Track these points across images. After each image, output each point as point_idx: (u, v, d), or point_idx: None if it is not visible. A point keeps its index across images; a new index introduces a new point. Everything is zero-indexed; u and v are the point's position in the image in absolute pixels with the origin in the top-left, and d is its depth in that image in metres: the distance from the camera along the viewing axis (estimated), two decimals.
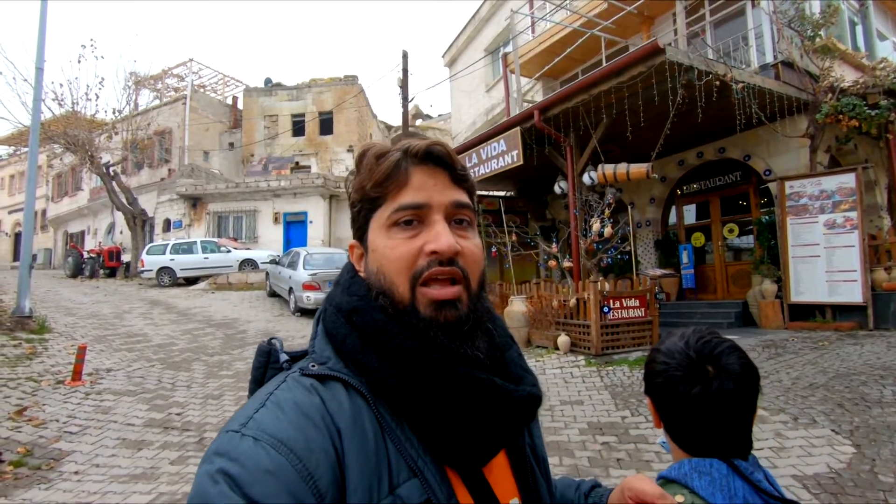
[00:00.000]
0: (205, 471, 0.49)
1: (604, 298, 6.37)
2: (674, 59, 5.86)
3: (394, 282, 0.60)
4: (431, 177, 0.62)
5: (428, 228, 0.60)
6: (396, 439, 0.55)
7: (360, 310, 0.61)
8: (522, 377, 0.65)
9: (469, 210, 0.64)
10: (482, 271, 0.64)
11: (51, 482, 3.55)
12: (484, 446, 0.58)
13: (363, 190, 0.63)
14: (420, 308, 0.59)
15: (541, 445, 0.72)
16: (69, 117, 19.09)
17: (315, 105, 23.80)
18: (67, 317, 9.67)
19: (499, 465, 0.63)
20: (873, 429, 3.67)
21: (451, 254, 0.59)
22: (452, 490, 0.56)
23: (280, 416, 0.52)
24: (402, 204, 0.60)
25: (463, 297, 0.60)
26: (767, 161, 8.63)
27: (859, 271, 7.16)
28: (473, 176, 4.61)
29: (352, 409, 0.55)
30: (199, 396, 5.45)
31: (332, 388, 0.56)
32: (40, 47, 7.81)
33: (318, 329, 0.65)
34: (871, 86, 7.38)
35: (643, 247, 10.92)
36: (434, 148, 0.62)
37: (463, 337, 0.59)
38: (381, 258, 0.61)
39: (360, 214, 0.65)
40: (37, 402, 5.02)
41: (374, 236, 0.63)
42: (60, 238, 29.29)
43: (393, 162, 0.62)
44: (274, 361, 0.64)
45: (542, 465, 0.70)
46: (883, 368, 4.99)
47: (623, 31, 10.67)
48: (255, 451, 0.48)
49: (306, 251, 11.96)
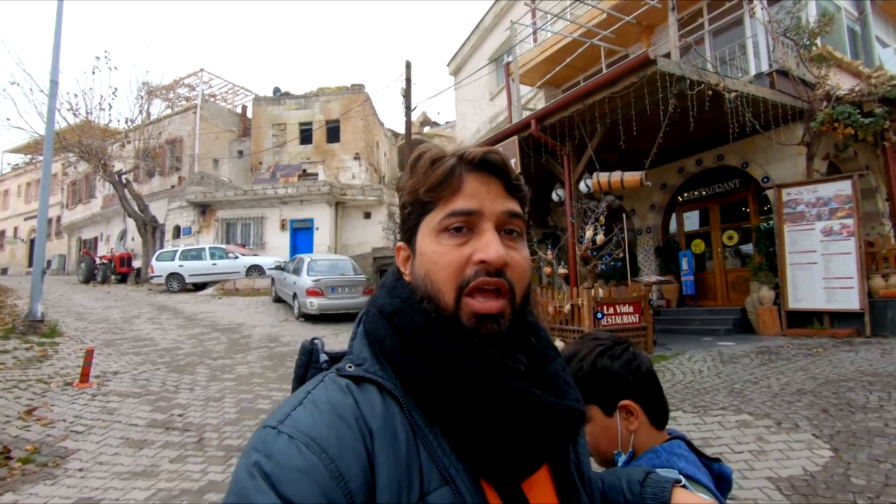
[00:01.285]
0: (243, 464, 0.50)
1: (598, 304, 6.46)
2: (665, 70, 5.97)
3: (440, 288, 0.59)
4: (485, 184, 0.62)
5: (478, 237, 0.60)
6: (429, 445, 0.54)
7: (402, 312, 0.61)
8: (566, 392, 0.64)
9: (520, 220, 0.64)
10: (528, 284, 0.63)
11: (56, 478, 3.71)
12: (520, 460, 0.57)
13: (416, 193, 0.63)
14: (463, 318, 0.58)
15: (587, 464, 0.70)
16: (83, 126, 19.59)
17: (322, 113, 24.17)
18: (78, 321, 9.94)
19: (540, 481, 0.61)
20: (853, 433, 3.72)
21: (500, 264, 0.58)
22: (487, 502, 0.55)
23: (315, 416, 0.52)
24: (454, 210, 0.60)
25: (506, 312, 0.59)
26: (765, 168, 8.69)
27: (856, 278, 7.18)
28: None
29: (384, 411, 0.54)
30: (200, 399, 5.62)
31: (366, 389, 0.56)
32: (55, 61, 8.13)
33: (358, 330, 0.65)
34: (867, 94, 7.43)
35: (644, 253, 10.98)
36: (490, 156, 0.62)
37: (504, 350, 0.59)
38: (430, 263, 0.61)
39: (411, 217, 0.65)
40: (45, 403, 5.22)
41: (423, 240, 0.62)
42: (74, 244, 29.91)
43: (448, 168, 0.61)
44: (315, 361, 0.64)
45: (588, 485, 0.69)
46: (873, 375, 5.02)
47: (623, 41, 10.81)
48: (289, 450, 0.49)
49: (310, 258, 12.16)
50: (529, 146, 8.19)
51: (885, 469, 3.15)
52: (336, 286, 11.00)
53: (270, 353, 7.96)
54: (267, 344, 8.71)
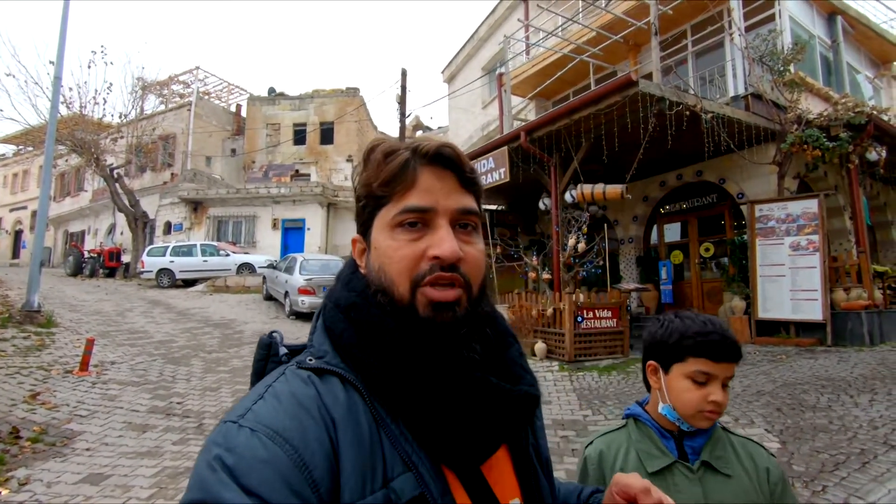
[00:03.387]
0: (203, 459, 0.49)
1: (578, 309, 6.84)
2: (646, 91, 6.39)
3: (394, 281, 0.60)
4: (439, 179, 0.62)
5: (432, 232, 0.60)
6: (391, 434, 0.55)
7: (358, 306, 0.62)
8: (521, 377, 0.65)
9: (475, 216, 0.64)
10: (484, 276, 0.64)
11: (66, 457, 3.96)
12: (478, 444, 0.58)
13: (370, 187, 0.63)
14: (419, 308, 0.59)
15: (545, 447, 0.72)
16: (77, 119, 19.61)
17: (317, 115, 24.41)
18: (72, 313, 10.07)
19: (500, 464, 0.63)
20: (801, 429, 4.13)
21: (454, 260, 0.59)
22: (448, 487, 0.56)
23: (277, 407, 0.53)
24: (408, 206, 0.60)
25: (462, 300, 0.60)
26: (741, 185, 9.17)
27: (820, 291, 7.65)
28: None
29: (347, 402, 0.55)
30: (197, 389, 5.87)
31: (328, 381, 0.57)
32: (59, 59, 8.34)
33: (317, 323, 0.65)
34: (834, 118, 7.93)
35: (626, 262, 11.41)
36: (444, 150, 0.62)
37: (459, 339, 0.60)
38: (384, 257, 0.61)
39: (365, 210, 0.65)
40: (48, 389, 5.43)
41: (378, 234, 0.63)
42: (61, 237, 29.66)
43: (401, 161, 0.61)
44: (274, 354, 0.65)
45: (546, 466, 0.70)
46: (827, 379, 5.45)
47: (612, 58, 11.28)
48: (251, 442, 0.49)
49: (303, 257, 12.41)
50: (519, 156, 8.57)
51: (822, 458, 3.54)
52: (327, 285, 11.24)
53: None
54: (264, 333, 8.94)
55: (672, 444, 1.07)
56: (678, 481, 1.02)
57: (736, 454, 1.06)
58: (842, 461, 3.47)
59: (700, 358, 1.03)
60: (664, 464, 1.04)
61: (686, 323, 1.08)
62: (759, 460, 1.07)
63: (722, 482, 1.02)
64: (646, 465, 1.04)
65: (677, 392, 1.06)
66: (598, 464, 1.12)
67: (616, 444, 1.13)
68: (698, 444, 1.06)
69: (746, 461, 1.06)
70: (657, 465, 1.04)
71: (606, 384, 5.95)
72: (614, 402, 5.18)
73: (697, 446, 1.06)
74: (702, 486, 1.01)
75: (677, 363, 1.06)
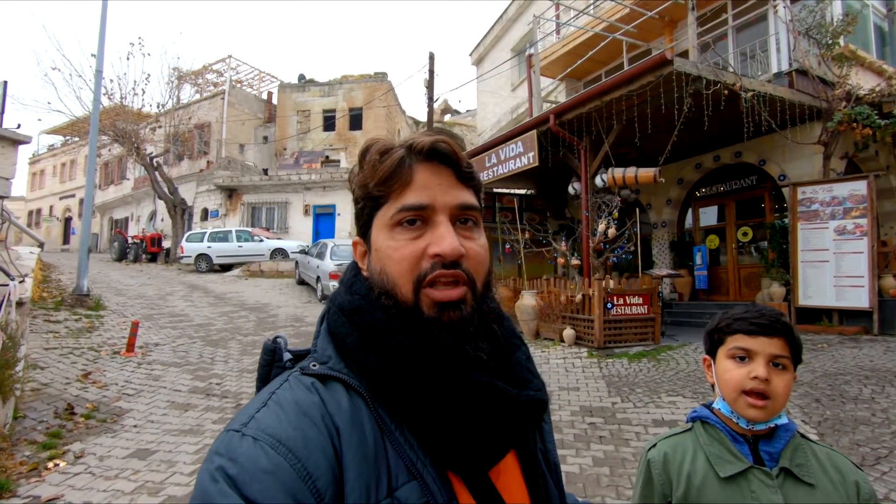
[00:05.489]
0: (205, 469, 0.49)
1: (608, 295, 6.75)
2: (681, 70, 6.15)
3: (397, 282, 0.59)
4: (436, 175, 0.61)
5: (432, 229, 0.59)
6: (395, 441, 0.54)
7: (362, 309, 0.60)
8: (529, 381, 0.64)
9: (475, 211, 0.63)
10: (488, 272, 0.63)
11: (115, 433, 4.22)
12: (484, 451, 0.57)
13: (366, 188, 0.62)
14: (423, 308, 0.58)
15: (553, 451, 0.70)
16: (117, 110, 20.34)
17: (346, 101, 24.55)
18: (118, 297, 10.60)
19: (508, 470, 0.62)
20: (840, 421, 3.99)
21: (455, 257, 0.58)
22: (454, 494, 0.55)
23: (280, 416, 0.52)
24: (406, 205, 0.59)
25: (468, 298, 0.59)
26: (782, 166, 8.76)
27: (867, 277, 7.29)
28: (493, 175, 4.91)
29: (351, 409, 0.54)
30: (235, 370, 6.12)
31: (332, 387, 0.56)
32: (100, 53, 8.65)
33: (321, 328, 0.65)
34: (887, 94, 7.45)
35: (658, 247, 11.14)
36: (439, 145, 0.61)
37: (466, 338, 0.58)
38: (385, 258, 0.60)
39: (364, 212, 0.64)
40: (98, 369, 5.77)
41: (378, 235, 0.62)
42: (106, 224, 31.10)
43: (396, 159, 0.60)
44: (278, 360, 0.63)
45: (555, 471, 0.69)
46: (871, 370, 5.23)
47: (646, 35, 10.87)
48: (254, 451, 0.48)
49: (333, 242, 12.64)
50: (548, 140, 8.42)
51: (862, 452, 3.43)
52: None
53: (297, 332, 8.45)
54: (293, 323, 9.22)
55: (746, 448, 1.01)
56: (755, 488, 0.96)
57: (819, 463, 0.99)
58: (884, 455, 3.35)
59: (735, 334, 1.02)
60: (738, 469, 0.98)
61: (729, 311, 1.08)
62: (847, 473, 0.99)
63: (806, 492, 0.95)
64: (718, 470, 0.99)
65: (722, 376, 1.04)
66: (662, 467, 1.07)
67: (682, 447, 1.07)
68: (776, 450, 0.99)
69: (832, 472, 0.98)
70: (730, 469, 0.98)
71: (636, 371, 5.88)
72: (644, 390, 5.13)
73: (775, 452, 0.99)
74: (782, 495, 0.94)
75: (720, 347, 1.05)
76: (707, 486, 1.00)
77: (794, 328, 1.02)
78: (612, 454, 3.67)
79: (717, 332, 1.07)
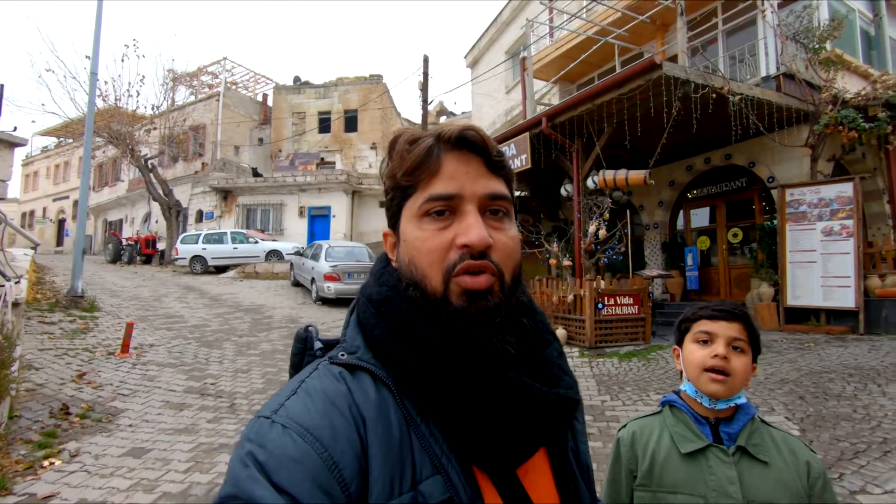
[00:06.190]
0: (237, 454, 0.50)
1: (599, 296, 6.84)
2: (670, 74, 6.26)
3: (426, 273, 0.59)
4: (465, 164, 0.60)
5: (460, 220, 0.58)
6: (421, 434, 0.54)
7: (390, 300, 0.61)
8: (559, 378, 0.63)
9: (505, 201, 0.62)
10: (517, 264, 0.62)
11: (111, 432, 4.26)
12: (511, 448, 0.56)
13: (395, 178, 0.62)
14: (452, 299, 0.57)
15: (585, 452, 0.69)
16: (112, 112, 20.32)
17: (341, 103, 24.61)
18: (112, 298, 10.61)
19: (537, 469, 0.61)
20: (822, 417, 4.08)
21: (483, 247, 0.57)
22: (479, 491, 0.54)
23: (309, 405, 0.52)
24: (433, 194, 0.59)
25: (495, 288, 0.58)
26: (771, 168, 8.90)
27: (853, 277, 7.42)
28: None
29: (378, 400, 0.54)
30: (230, 371, 6.17)
31: (359, 378, 0.56)
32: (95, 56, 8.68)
33: (351, 318, 0.65)
34: (873, 98, 7.59)
35: (651, 248, 11.26)
36: (467, 133, 0.60)
37: (493, 330, 0.58)
38: (413, 249, 0.60)
39: (393, 203, 0.64)
40: (93, 369, 5.80)
41: (406, 226, 0.61)
42: (100, 225, 30.99)
43: (424, 149, 0.60)
44: (310, 348, 0.64)
45: (587, 473, 0.68)
46: (855, 368, 5.34)
47: (638, 38, 11.00)
48: (283, 439, 0.49)
49: (328, 244, 12.69)
50: (540, 142, 8.52)
51: (842, 447, 3.52)
52: (352, 272, 11.52)
53: (291, 333, 8.49)
54: (287, 324, 9.26)
55: (708, 429, 1.09)
56: (712, 464, 1.04)
57: (775, 444, 1.08)
58: (862, 450, 3.44)
59: (700, 320, 1.14)
60: (698, 446, 1.06)
61: (696, 305, 1.20)
62: (800, 453, 1.07)
63: (759, 469, 1.03)
64: (680, 447, 1.08)
65: (688, 358, 1.14)
66: (630, 445, 1.16)
67: (650, 427, 1.16)
68: (734, 431, 1.08)
69: (786, 452, 1.06)
70: (691, 447, 1.07)
71: (626, 370, 5.97)
72: (633, 388, 5.21)
73: (734, 433, 1.07)
74: (737, 471, 1.03)
75: (687, 335, 1.16)
76: (670, 461, 1.09)
77: (751, 317, 1.14)
78: (601, 450, 3.75)
79: (684, 322, 1.19)
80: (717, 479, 1.03)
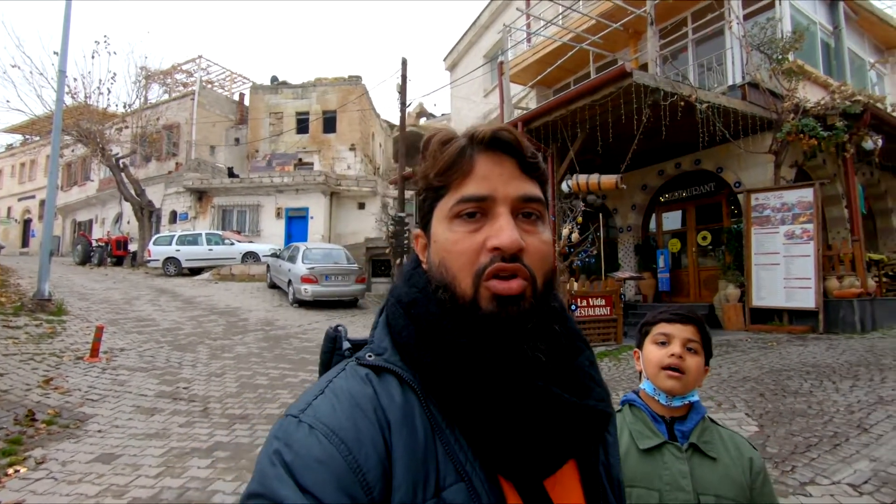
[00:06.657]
0: (265, 452, 0.50)
1: (572, 297, 6.99)
2: (640, 82, 6.46)
3: (456, 276, 0.57)
4: (498, 165, 0.59)
5: (491, 222, 0.57)
6: (446, 440, 0.53)
7: (418, 302, 0.60)
8: (591, 389, 0.61)
9: (538, 203, 0.60)
10: (550, 269, 0.61)
11: (79, 438, 4.18)
12: (538, 459, 0.55)
13: (427, 178, 0.62)
14: (482, 303, 0.56)
15: (617, 466, 0.67)
16: (81, 110, 19.78)
17: (319, 104, 24.43)
18: (81, 301, 10.34)
19: (566, 481, 0.59)
20: (780, 413, 4.28)
21: (514, 250, 0.56)
22: (504, 501, 0.53)
23: (335, 406, 0.52)
24: (465, 196, 0.58)
25: (527, 293, 0.56)
26: (738, 174, 9.22)
27: (813, 279, 7.75)
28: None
29: (403, 403, 0.54)
30: (203, 374, 6.10)
31: (385, 380, 0.56)
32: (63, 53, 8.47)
33: (379, 319, 0.64)
34: (831, 107, 7.95)
35: (624, 251, 11.52)
36: (501, 133, 0.59)
37: (523, 336, 0.56)
38: (443, 251, 0.59)
39: (425, 203, 0.63)
40: (60, 374, 5.67)
41: (437, 227, 0.61)
42: (69, 226, 30.07)
43: (457, 149, 0.59)
44: (339, 348, 0.64)
45: (617, 488, 0.66)
46: (813, 366, 5.59)
47: (612, 46, 11.26)
48: (309, 440, 0.49)
49: (305, 246, 12.61)
50: None
51: (795, 441, 3.70)
52: (330, 274, 11.48)
53: (266, 336, 8.43)
54: (263, 327, 9.18)
55: (663, 427, 1.18)
56: (667, 460, 1.14)
57: (723, 442, 1.18)
58: (814, 443, 3.63)
59: (659, 323, 1.23)
60: (655, 443, 1.15)
61: (657, 308, 1.30)
62: (745, 450, 1.18)
63: (708, 464, 1.13)
64: (638, 444, 1.17)
65: (647, 358, 1.23)
66: None
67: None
68: (687, 429, 1.17)
69: (732, 449, 1.16)
70: (648, 443, 1.15)
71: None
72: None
73: (687, 430, 1.17)
74: (689, 465, 1.12)
75: (647, 338, 1.26)
76: (628, 457, 1.18)
77: (704, 322, 1.25)
78: None
79: (645, 325, 1.29)
80: (671, 473, 1.12)
